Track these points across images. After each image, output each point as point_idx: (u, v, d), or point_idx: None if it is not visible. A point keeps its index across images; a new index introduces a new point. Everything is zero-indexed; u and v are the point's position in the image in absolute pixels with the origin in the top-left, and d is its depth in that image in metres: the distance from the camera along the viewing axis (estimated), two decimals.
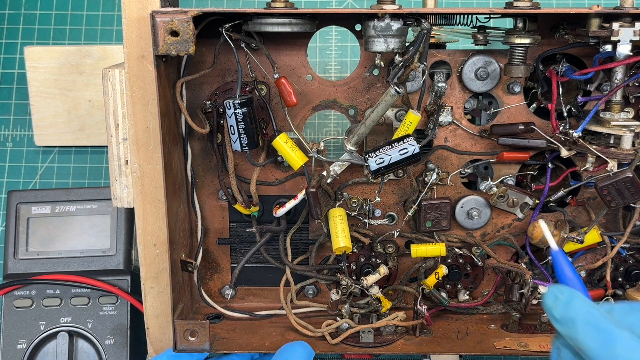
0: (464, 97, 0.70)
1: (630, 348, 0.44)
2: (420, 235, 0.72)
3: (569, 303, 0.48)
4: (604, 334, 0.46)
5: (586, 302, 0.48)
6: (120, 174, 0.67)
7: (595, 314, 0.47)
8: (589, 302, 0.48)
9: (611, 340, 0.45)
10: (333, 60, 0.97)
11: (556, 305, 0.48)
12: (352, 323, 0.72)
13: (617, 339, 0.45)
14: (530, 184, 0.71)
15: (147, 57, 0.61)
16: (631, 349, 0.44)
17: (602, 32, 0.59)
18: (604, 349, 0.45)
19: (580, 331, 0.46)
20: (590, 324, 0.46)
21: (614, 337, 0.45)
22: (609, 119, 0.63)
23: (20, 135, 0.97)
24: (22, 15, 0.98)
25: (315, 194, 0.65)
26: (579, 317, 0.47)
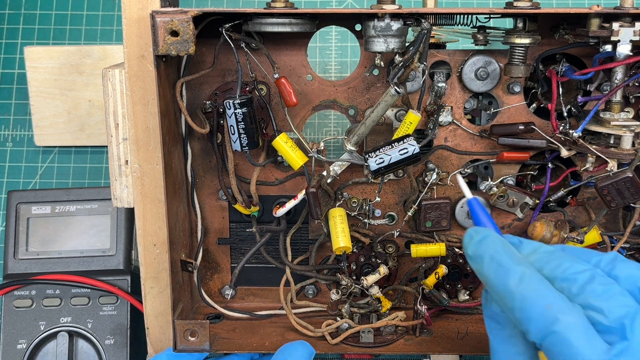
0: (464, 97, 0.70)
1: (522, 281, 0.49)
2: (420, 235, 0.72)
3: (480, 242, 0.53)
4: (503, 269, 0.50)
5: (495, 242, 0.52)
6: (120, 174, 0.67)
7: (499, 251, 0.51)
8: (499, 241, 0.52)
9: (507, 274, 0.49)
10: (333, 60, 0.97)
11: (470, 244, 0.54)
12: (352, 323, 0.72)
13: (512, 273, 0.49)
14: (530, 184, 0.71)
15: (147, 57, 0.61)
16: (523, 282, 0.48)
17: (602, 32, 0.59)
18: (501, 281, 0.50)
19: (485, 266, 0.51)
20: (494, 260, 0.51)
21: (511, 271, 0.49)
22: (609, 119, 0.63)
23: (20, 135, 0.97)
24: (22, 15, 0.98)
25: (315, 194, 0.65)
26: (486, 254, 0.52)
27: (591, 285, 0.48)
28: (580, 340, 0.46)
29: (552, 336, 0.47)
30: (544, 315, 0.47)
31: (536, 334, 0.48)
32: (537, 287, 0.48)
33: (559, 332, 0.46)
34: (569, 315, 0.47)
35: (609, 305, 0.47)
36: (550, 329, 0.47)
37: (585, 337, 0.46)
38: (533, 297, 0.48)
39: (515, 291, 0.49)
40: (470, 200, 0.58)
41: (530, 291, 0.48)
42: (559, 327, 0.46)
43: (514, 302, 0.49)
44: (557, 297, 0.48)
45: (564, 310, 0.47)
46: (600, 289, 0.48)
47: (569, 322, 0.46)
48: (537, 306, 0.47)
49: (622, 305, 0.47)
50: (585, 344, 0.46)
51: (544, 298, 0.48)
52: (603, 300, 0.47)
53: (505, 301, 0.50)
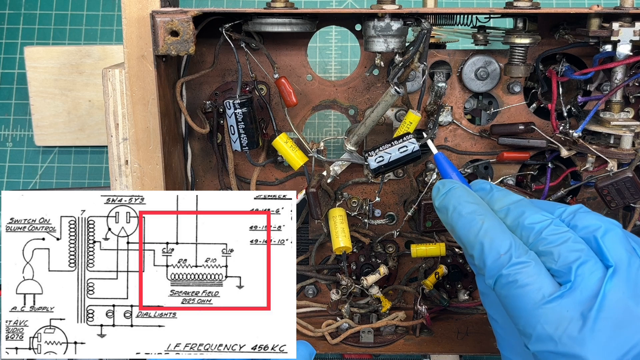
0: (464, 97, 0.70)
1: (480, 230, 0.51)
2: (420, 235, 0.72)
3: (446, 193, 0.55)
4: (464, 219, 0.53)
5: (459, 193, 0.55)
6: (120, 174, 0.67)
7: (462, 202, 0.54)
8: (463, 192, 0.55)
9: (469, 224, 0.52)
10: (333, 60, 0.97)
11: (437, 196, 0.56)
12: (352, 323, 0.72)
13: (473, 223, 0.52)
14: (530, 184, 0.71)
15: (147, 57, 0.61)
16: (481, 231, 0.51)
17: (602, 32, 0.59)
18: (463, 231, 0.53)
19: (449, 217, 0.54)
20: (456, 211, 0.54)
21: (471, 222, 0.52)
22: (609, 119, 0.63)
23: (20, 135, 0.97)
24: (22, 15, 0.98)
25: (315, 194, 0.65)
26: (450, 205, 0.54)
27: (545, 232, 0.51)
28: (528, 281, 0.49)
29: (501, 279, 0.50)
30: (496, 262, 0.50)
31: (489, 279, 0.51)
32: (493, 235, 0.51)
33: (507, 275, 0.49)
34: (519, 259, 0.49)
35: (559, 250, 0.49)
36: (500, 272, 0.49)
37: (533, 279, 0.49)
38: (489, 245, 0.51)
39: (474, 240, 0.52)
40: (436, 155, 0.60)
41: (487, 240, 0.51)
42: (506, 271, 0.49)
43: (473, 250, 0.52)
44: (512, 245, 0.50)
45: (516, 255, 0.50)
46: (553, 236, 0.50)
47: (518, 265, 0.49)
48: (492, 253, 0.50)
49: (573, 250, 0.49)
50: (532, 283, 0.48)
51: (499, 246, 0.50)
52: (554, 246, 0.50)
53: (467, 249, 0.53)
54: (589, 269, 0.48)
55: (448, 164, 0.60)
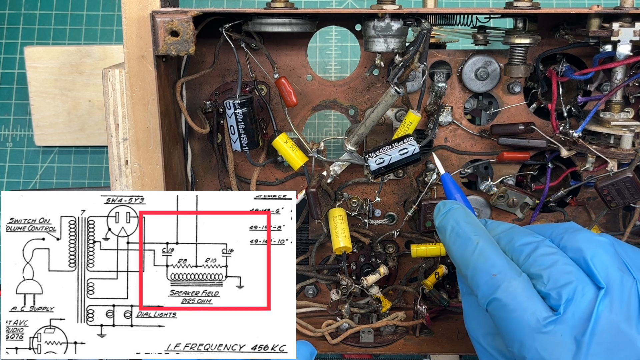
0: (464, 97, 0.70)
1: (475, 251, 0.52)
2: (420, 235, 0.72)
3: (445, 214, 0.56)
4: (460, 239, 0.53)
5: (458, 214, 0.55)
6: (120, 174, 0.67)
7: (460, 222, 0.54)
8: (462, 213, 0.55)
9: (464, 244, 0.53)
10: (333, 60, 0.97)
11: (437, 216, 0.57)
12: (352, 323, 0.72)
13: (469, 243, 0.53)
14: (530, 184, 0.71)
15: (147, 57, 0.61)
16: (476, 252, 0.52)
17: (602, 32, 0.59)
18: (459, 251, 0.53)
19: (447, 236, 0.55)
20: (454, 231, 0.54)
21: (467, 242, 0.53)
22: (609, 119, 0.63)
23: (20, 135, 0.97)
24: (22, 15, 0.98)
25: (315, 194, 0.65)
26: (448, 225, 0.55)
27: (534, 255, 0.51)
28: (520, 305, 0.49)
29: (494, 303, 0.50)
30: (489, 283, 0.50)
31: (483, 300, 0.51)
32: (488, 256, 0.51)
33: (500, 299, 0.49)
34: (511, 283, 0.49)
35: (548, 273, 0.49)
36: (492, 295, 0.50)
37: (525, 302, 0.49)
38: (482, 266, 0.51)
39: (469, 260, 0.52)
40: (443, 176, 0.61)
41: (481, 261, 0.51)
42: (500, 294, 0.49)
43: (467, 270, 0.52)
44: (504, 267, 0.51)
45: (507, 279, 0.50)
46: (542, 257, 0.51)
47: (509, 290, 0.49)
48: (485, 274, 0.50)
49: (562, 272, 0.49)
50: (525, 308, 0.48)
51: (492, 267, 0.50)
52: (543, 269, 0.50)
53: (462, 270, 0.53)
54: (580, 292, 0.48)
55: (454, 185, 0.60)
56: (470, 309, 0.58)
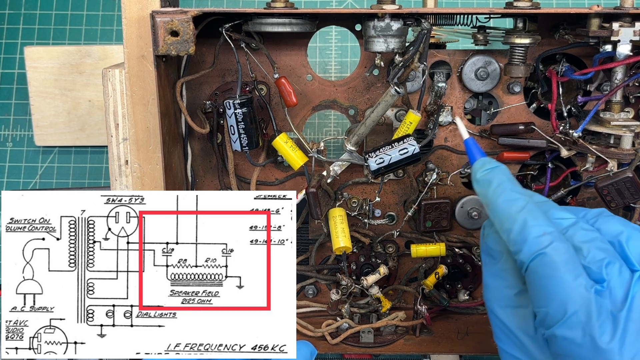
0: (464, 97, 0.70)
1: (524, 208, 0.52)
2: (420, 235, 0.72)
3: (491, 169, 0.55)
4: (508, 194, 0.53)
5: (505, 172, 0.55)
6: (120, 174, 0.67)
7: (506, 180, 0.54)
8: (508, 173, 0.55)
9: (513, 200, 0.53)
10: (333, 60, 0.97)
11: (480, 169, 0.56)
12: (352, 323, 0.72)
13: (517, 200, 0.52)
14: (530, 184, 0.71)
15: (147, 57, 0.61)
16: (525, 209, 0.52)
17: (602, 32, 0.59)
18: (505, 205, 0.53)
19: (491, 190, 0.54)
20: (501, 186, 0.54)
21: (516, 198, 0.53)
22: (609, 119, 0.63)
23: (20, 135, 0.97)
24: (22, 15, 0.98)
25: (315, 194, 0.65)
26: (495, 180, 0.55)
27: (573, 229, 0.52)
28: (567, 266, 0.49)
29: (541, 257, 0.50)
30: (539, 239, 0.50)
31: (528, 254, 0.50)
32: (537, 215, 0.52)
33: (549, 254, 0.49)
34: (561, 244, 0.50)
35: (588, 247, 0.51)
36: (542, 250, 0.50)
37: (571, 266, 0.49)
38: (533, 222, 0.51)
39: (517, 215, 0.52)
40: (467, 141, 0.59)
41: (531, 217, 0.51)
42: (550, 250, 0.50)
43: (514, 224, 0.51)
44: (554, 229, 0.51)
45: (557, 239, 0.50)
46: (581, 233, 0.52)
47: (560, 249, 0.50)
48: (535, 230, 0.50)
49: (601, 249, 0.50)
50: (570, 272, 0.49)
51: (542, 226, 0.51)
52: (583, 242, 0.51)
53: (504, 224, 0.52)
54: (617, 270, 0.49)
55: (479, 149, 0.59)
56: (491, 279, 0.57)
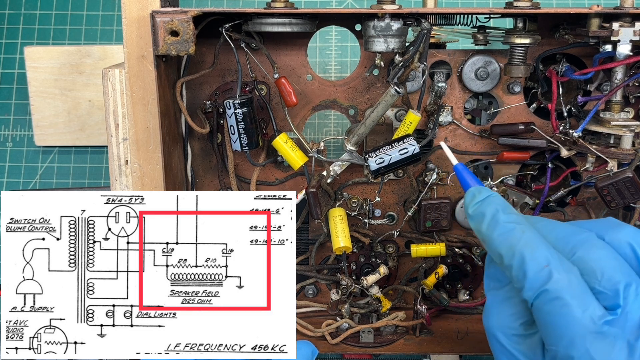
0: (464, 97, 0.70)
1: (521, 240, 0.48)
2: (420, 235, 0.72)
3: (482, 201, 0.53)
4: (503, 227, 0.50)
5: (497, 201, 0.52)
6: (120, 174, 0.67)
7: (500, 210, 0.51)
8: (500, 201, 0.52)
9: (508, 233, 0.49)
10: (333, 60, 0.97)
11: (472, 203, 0.53)
12: (352, 323, 0.72)
13: (513, 232, 0.49)
14: (530, 184, 0.71)
15: (147, 57, 0.61)
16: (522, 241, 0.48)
17: (602, 32, 0.59)
18: (501, 240, 0.49)
19: (485, 225, 0.51)
20: (494, 218, 0.51)
21: (511, 230, 0.49)
22: (609, 119, 0.63)
23: (20, 135, 0.97)
24: (22, 15, 0.98)
25: (315, 194, 0.65)
26: (487, 212, 0.51)
27: (583, 248, 0.48)
28: (574, 300, 0.45)
29: (544, 294, 0.46)
30: (539, 274, 0.47)
31: (530, 291, 0.47)
32: (536, 246, 0.48)
33: (552, 291, 0.46)
34: (564, 275, 0.46)
35: (601, 267, 0.46)
36: (544, 286, 0.46)
37: (579, 297, 0.45)
38: (531, 255, 0.47)
39: (515, 249, 0.48)
40: (457, 167, 0.57)
41: (529, 250, 0.48)
42: (551, 286, 0.46)
43: (512, 259, 0.48)
44: (555, 257, 0.47)
45: (560, 270, 0.46)
46: (592, 252, 0.47)
47: (562, 282, 0.46)
48: (535, 264, 0.47)
49: (615, 269, 0.46)
50: (579, 304, 0.45)
51: (542, 257, 0.47)
52: (594, 262, 0.47)
53: (503, 260, 0.49)
54: (634, 293, 0.45)
55: (471, 174, 0.57)
56: (496, 306, 0.53)
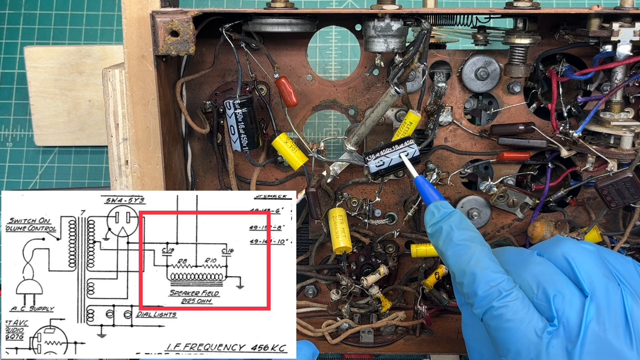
0: (464, 97, 0.70)
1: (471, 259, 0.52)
2: (420, 235, 0.72)
3: (440, 220, 0.55)
4: (456, 246, 0.53)
5: (454, 221, 0.55)
6: (120, 174, 0.67)
7: (454, 228, 0.54)
8: (458, 219, 0.55)
9: (461, 252, 0.53)
10: (333, 60, 0.97)
11: (430, 221, 0.56)
12: (352, 323, 0.72)
13: (465, 251, 0.53)
14: (530, 184, 0.71)
15: (147, 57, 0.61)
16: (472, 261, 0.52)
17: (602, 32, 0.59)
18: (454, 259, 0.53)
19: (441, 243, 0.55)
20: (449, 237, 0.54)
21: (463, 250, 0.53)
22: (609, 119, 0.63)
23: (20, 135, 0.97)
24: (22, 15, 0.98)
25: (315, 194, 0.65)
26: (443, 231, 0.55)
27: (526, 267, 0.53)
28: (516, 315, 0.50)
29: (491, 310, 0.50)
30: (488, 291, 0.51)
31: (479, 308, 0.51)
32: (485, 266, 0.52)
33: (497, 308, 0.50)
34: (508, 293, 0.50)
35: (537, 283, 0.51)
36: (490, 303, 0.50)
37: (523, 313, 0.50)
38: (480, 275, 0.51)
39: (465, 269, 0.52)
40: (417, 179, 0.59)
41: (478, 269, 0.52)
42: (497, 304, 0.50)
43: (463, 277, 0.53)
44: (501, 277, 0.51)
45: (504, 289, 0.51)
46: (531, 268, 0.52)
47: (506, 300, 0.50)
48: (482, 284, 0.51)
49: (549, 282, 0.51)
50: (521, 318, 0.50)
51: (489, 277, 0.51)
52: (533, 277, 0.51)
53: (456, 277, 0.53)
54: (568, 302, 0.49)
55: (431, 187, 0.59)
56: (468, 319, 0.58)
